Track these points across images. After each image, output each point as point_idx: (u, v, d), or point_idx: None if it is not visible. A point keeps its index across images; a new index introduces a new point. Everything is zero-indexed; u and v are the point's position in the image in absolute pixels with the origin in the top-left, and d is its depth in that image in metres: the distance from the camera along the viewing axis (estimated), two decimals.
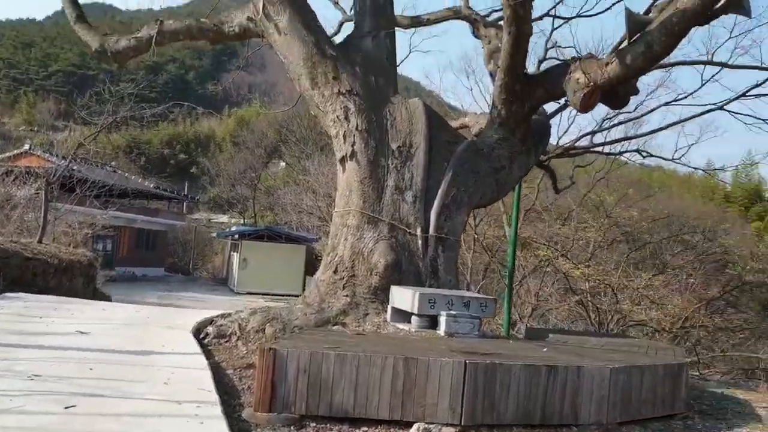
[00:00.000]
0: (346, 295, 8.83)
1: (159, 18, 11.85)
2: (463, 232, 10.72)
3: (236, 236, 40.25)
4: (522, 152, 10.55)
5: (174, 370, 6.40)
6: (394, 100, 10.08)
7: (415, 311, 7.88)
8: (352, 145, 9.62)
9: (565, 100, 12.35)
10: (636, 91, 10.08)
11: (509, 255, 12.71)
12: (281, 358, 5.56)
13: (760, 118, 14.41)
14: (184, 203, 54.73)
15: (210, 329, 8.77)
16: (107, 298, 17.02)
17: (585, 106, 9.14)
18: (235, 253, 40.24)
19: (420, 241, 9.21)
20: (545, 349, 7.50)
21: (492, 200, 11.12)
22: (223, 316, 9.39)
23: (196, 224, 57.62)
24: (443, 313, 7.81)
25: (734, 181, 55.44)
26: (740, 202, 62.48)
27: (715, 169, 21.53)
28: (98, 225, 25.51)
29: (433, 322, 8.03)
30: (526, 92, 9.76)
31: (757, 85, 13.99)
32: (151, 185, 45.11)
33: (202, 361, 7.02)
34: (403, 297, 8.17)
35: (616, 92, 9.61)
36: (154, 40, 11.57)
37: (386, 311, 8.59)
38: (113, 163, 44.48)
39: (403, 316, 8.31)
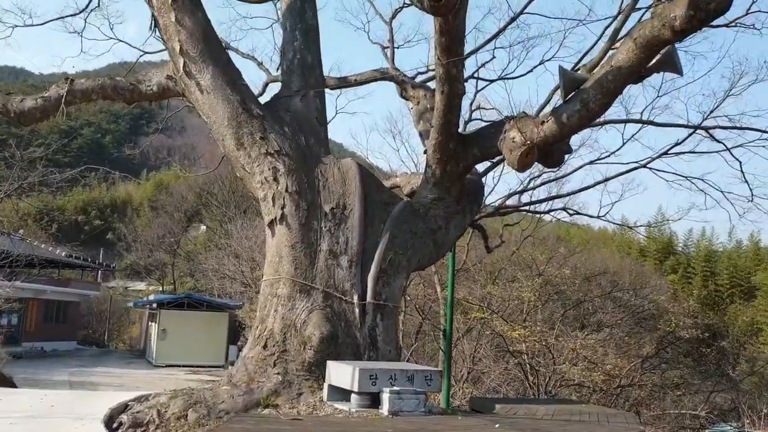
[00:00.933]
0: (278, 373, 8.06)
1: (69, 76, 11.07)
2: (402, 297, 10.18)
3: (154, 305, 38.26)
4: (458, 212, 10.22)
5: None
6: (325, 160, 9.60)
7: (355, 389, 7.21)
8: (282, 208, 9.02)
9: (499, 159, 12.26)
10: (570, 150, 9.98)
11: (447, 318, 12.22)
12: None
13: (681, 175, 14.76)
14: (99, 271, 52.02)
15: (124, 417, 7.80)
16: (9, 381, 15.48)
17: (522, 165, 8.93)
18: (153, 323, 38.17)
19: (357, 310, 8.59)
20: (497, 426, 6.95)
21: (430, 262, 10.71)
22: (139, 400, 8.41)
23: (112, 293, 54.84)
24: (386, 390, 7.17)
25: (649, 235, 57.60)
26: (654, 255, 64.94)
27: (644, 225, 22.13)
28: (0, 298, 23.51)
29: (374, 400, 7.37)
30: (460, 151, 9.50)
31: (678, 143, 14.40)
32: (63, 253, 42.58)
33: None
34: (341, 373, 7.49)
35: (550, 151, 9.48)
36: (63, 99, 10.76)
37: (322, 389, 7.86)
38: (20, 231, 41.87)
39: (341, 393, 7.61)
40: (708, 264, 62.95)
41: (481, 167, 12.79)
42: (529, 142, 8.58)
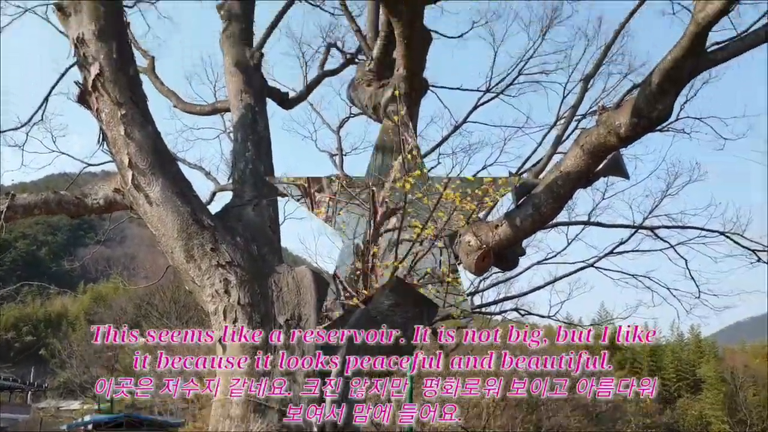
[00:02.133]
0: None
1: (10, 191, 10.72)
2: None
3: (90, 426, 35.97)
4: (416, 317, 10.03)
5: None
6: (279, 269, 9.34)
7: None
8: (234, 322, 8.65)
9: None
10: (523, 252, 10.02)
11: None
12: None
13: (627, 273, 15.10)
14: (29, 392, 48.92)
15: None
16: None
17: (479, 269, 8.87)
18: None
19: (315, 430, 8.14)
20: None
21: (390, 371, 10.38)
22: None
23: (43, 415, 51.40)
24: None
25: (594, 332, 58.24)
26: (601, 352, 65.44)
27: (593, 325, 22.31)
28: None
29: None
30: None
31: (623, 242, 14.80)
32: None
33: None
34: None
35: (505, 254, 9.53)
36: (3, 215, 10.37)
37: None
38: None
39: None
40: (653, 358, 63.79)
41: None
42: (485, 245, 8.61)
